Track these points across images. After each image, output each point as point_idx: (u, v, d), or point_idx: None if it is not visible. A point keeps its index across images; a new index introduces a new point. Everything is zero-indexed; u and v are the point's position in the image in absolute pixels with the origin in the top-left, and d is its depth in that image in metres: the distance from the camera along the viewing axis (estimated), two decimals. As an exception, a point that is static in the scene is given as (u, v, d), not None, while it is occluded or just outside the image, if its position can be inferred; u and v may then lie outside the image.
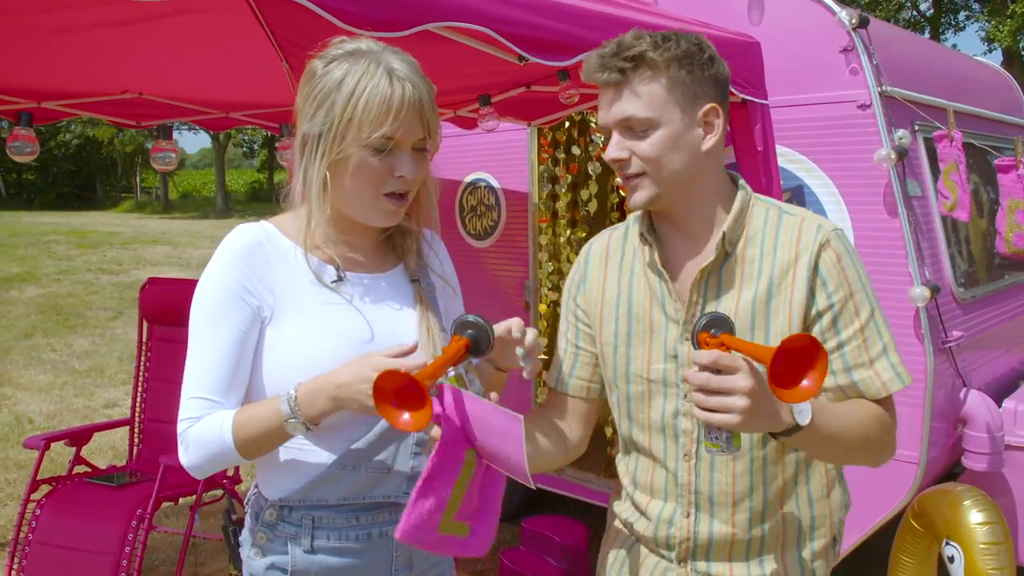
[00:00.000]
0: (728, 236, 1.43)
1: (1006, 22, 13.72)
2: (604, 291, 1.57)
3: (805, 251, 1.41)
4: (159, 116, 4.23)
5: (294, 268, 1.44)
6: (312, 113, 1.39)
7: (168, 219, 31.26)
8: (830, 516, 1.51)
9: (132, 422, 3.93)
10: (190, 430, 1.39)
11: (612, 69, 1.39)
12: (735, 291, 1.44)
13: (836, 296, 1.41)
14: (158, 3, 2.64)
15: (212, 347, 1.38)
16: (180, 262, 16.59)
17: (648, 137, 1.40)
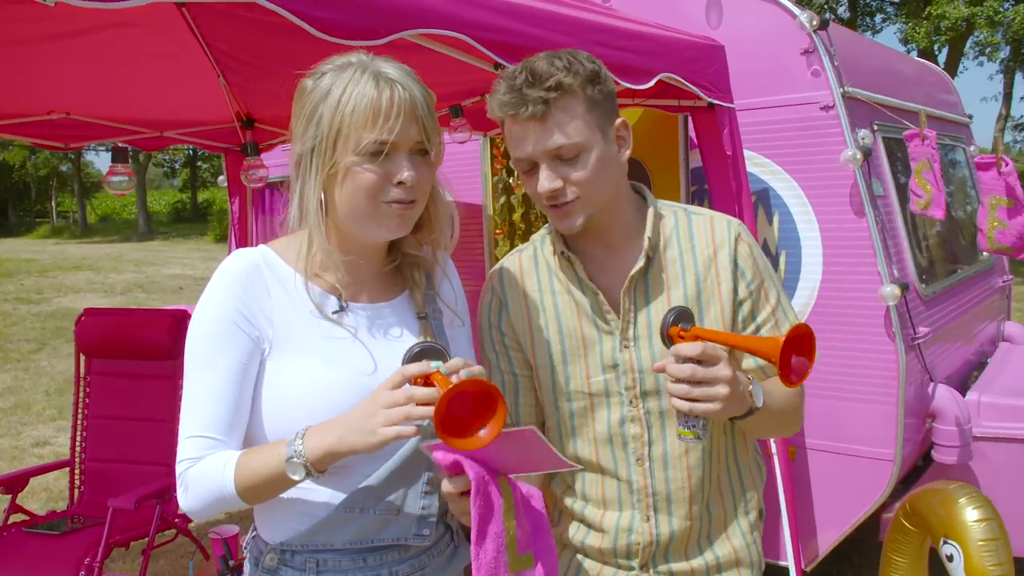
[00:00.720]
0: (652, 241, 1.49)
1: (923, 24, 14.27)
2: (528, 314, 1.55)
3: (723, 246, 1.50)
4: (89, 137, 4.04)
5: (294, 298, 1.35)
6: (303, 130, 1.31)
7: (88, 244, 30.19)
8: (755, 488, 1.61)
9: (72, 463, 3.71)
10: (190, 471, 1.30)
11: (535, 102, 1.36)
12: (664, 292, 1.50)
13: (753, 284, 1.51)
14: (86, 18, 2.53)
15: (211, 381, 1.30)
16: (104, 288, 16.00)
17: (579, 162, 1.40)
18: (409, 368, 1.20)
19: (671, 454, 1.51)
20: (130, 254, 24.01)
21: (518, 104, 1.37)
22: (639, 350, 1.49)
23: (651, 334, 1.49)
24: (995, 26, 14.19)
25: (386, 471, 1.35)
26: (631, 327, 1.50)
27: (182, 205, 45.21)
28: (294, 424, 1.27)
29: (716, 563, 1.57)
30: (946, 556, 2.17)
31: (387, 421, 1.17)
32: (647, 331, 1.50)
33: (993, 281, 4.35)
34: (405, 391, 1.18)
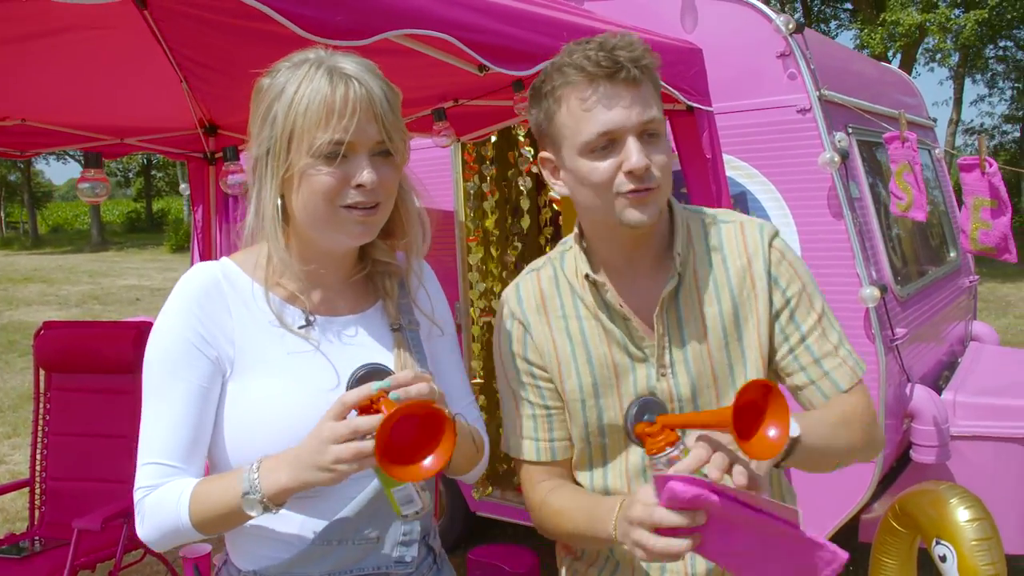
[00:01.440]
0: (682, 256, 1.37)
1: (877, 30, 14.55)
2: (555, 343, 1.43)
3: (756, 255, 1.38)
4: (46, 144, 3.92)
5: (255, 312, 1.27)
6: (258, 132, 1.24)
7: (39, 255, 29.46)
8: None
9: (32, 482, 3.56)
10: (146, 499, 1.23)
11: (633, 64, 1.25)
12: (698, 311, 1.38)
13: (791, 291, 1.38)
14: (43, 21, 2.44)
15: (169, 407, 1.23)
16: (57, 300, 15.61)
17: (660, 144, 1.30)
18: (348, 396, 1.13)
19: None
20: (84, 265, 23.49)
21: (614, 64, 1.24)
22: (676, 376, 1.38)
23: (687, 359, 1.38)
24: (946, 32, 14.53)
25: (365, 498, 1.28)
26: (667, 353, 1.38)
27: (137, 215, 44.42)
28: (257, 446, 1.21)
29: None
30: (939, 557, 2.17)
31: (336, 458, 1.09)
32: (683, 356, 1.38)
33: (961, 281, 4.41)
34: (349, 424, 1.10)
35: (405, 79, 2.29)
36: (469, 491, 4.10)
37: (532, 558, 3.66)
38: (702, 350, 1.38)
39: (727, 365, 1.38)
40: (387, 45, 1.68)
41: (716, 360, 1.38)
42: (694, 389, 1.38)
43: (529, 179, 3.91)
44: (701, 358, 1.38)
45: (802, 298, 1.39)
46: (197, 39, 3.00)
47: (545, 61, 1.99)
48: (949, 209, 4.59)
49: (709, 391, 1.38)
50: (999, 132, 27.63)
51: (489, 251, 4.08)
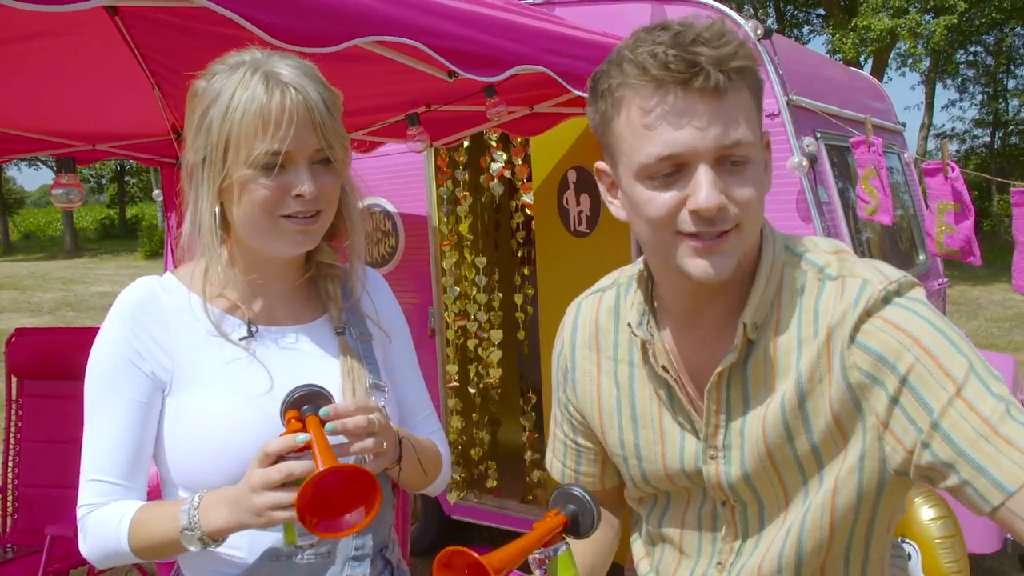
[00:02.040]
0: (749, 325, 1.05)
1: (849, 35, 14.72)
2: (600, 391, 1.22)
3: (841, 322, 1.01)
4: (17, 151, 3.89)
5: (192, 324, 1.25)
6: (193, 139, 1.20)
7: (11, 262, 29.08)
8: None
9: (4, 490, 3.53)
10: (89, 517, 1.22)
11: (717, 66, 0.94)
12: (765, 389, 1.06)
13: (902, 365, 0.97)
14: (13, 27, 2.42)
15: (107, 423, 1.22)
16: (30, 307, 15.43)
17: (747, 174, 0.98)
18: (271, 446, 1.08)
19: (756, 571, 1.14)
20: (57, 272, 23.22)
21: (690, 66, 0.93)
22: (729, 464, 1.11)
23: (744, 443, 1.09)
24: (917, 38, 14.72)
25: None
26: (720, 434, 1.11)
27: (110, 221, 43.94)
28: (199, 459, 1.20)
29: None
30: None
31: (271, 504, 1.06)
32: (739, 440, 1.09)
33: (930, 284, 4.47)
34: (282, 468, 1.06)
35: (375, 85, 2.31)
36: (444, 495, 4.10)
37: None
38: (758, 438, 1.08)
39: (793, 459, 1.07)
40: (357, 52, 1.69)
41: (775, 454, 1.07)
42: (749, 480, 1.10)
43: (501, 184, 3.92)
44: (755, 447, 1.08)
45: (926, 366, 0.97)
46: (168, 45, 2.99)
47: (514, 67, 2.02)
48: (918, 212, 4.65)
49: (770, 486, 1.10)
50: (970, 136, 28.03)
51: (463, 255, 4.09)
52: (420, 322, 4.01)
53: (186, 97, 1.23)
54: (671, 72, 0.94)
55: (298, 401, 1.15)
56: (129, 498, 1.23)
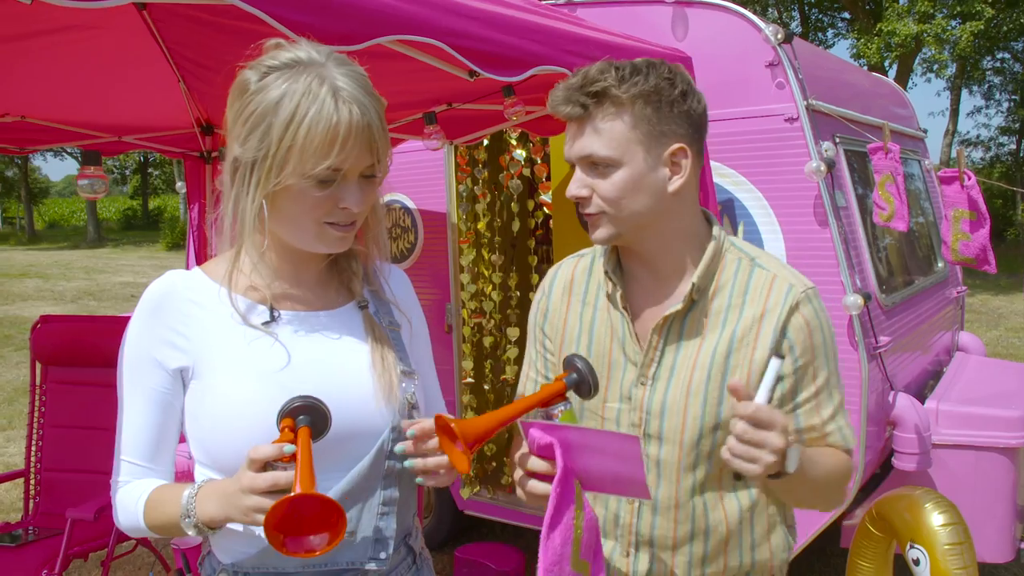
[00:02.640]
0: (698, 285, 1.40)
1: (874, 40, 14.61)
2: (566, 322, 1.54)
3: (773, 311, 1.39)
4: (45, 141, 3.94)
5: (215, 310, 1.29)
6: (245, 136, 1.21)
7: (35, 251, 29.43)
8: (771, 559, 1.49)
9: (27, 473, 3.60)
10: (119, 492, 1.33)
11: (575, 103, 1.34)
12: (697, 340, 1.41)
13: (800, 361, 1.40)
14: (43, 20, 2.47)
15: (133, 410, 1.31)
16: (53, 296, 15.62)
17: (609, 176, 1.36)
18: (259, 452, 1.11)
19: (661, 504, 1.44)
20: (80, 261, 23.48)
21: (561, 102, 1.36)
22: (654, 391, 1.43)
23: (671, 378, 1.42)
24: (943, 44, 14.59)
25: (338, 492, 1.27)
26: (654, 365, 1.43)
27: (133, 212, 44.37)
28: (223, 441, 1.25)
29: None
30: (912, 560, 2.21)
31: (255, 508, 1.11)
32: (668, 374, 1.42)
33: (948, 292, 4.46)
34: (267, 478, 1.10)
35: (396, 83, 2.34)
36: (457, 490, 4.13)
37: (518, 556, 3.69)
38: (686, 376, 1.41)
39: (703, 398, 1.40)
40: (379, 49, 1.72)
41: (694, 391, 1.40)
42: (664, 408, 1.42)
43: (520, 182, 3.94)
44: (683, 383, 1.41)
45: (807, 371, 1.40)
46: (195, 40, 3.03)
47: (535, 67, 2.05)
48: (938, 220, 4.64)
49: (678, 416, 1.41)
50: (995, 144, 27.70)
51: (481, 253, 4.12)
52: (438, 318, 4.04)
53: (232, 87, 1.25)
54: (553, 103, 1.38)
55: (295, 410, 1.16)
56: (154, 478, 1.32)
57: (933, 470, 3.18)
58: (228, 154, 1.25)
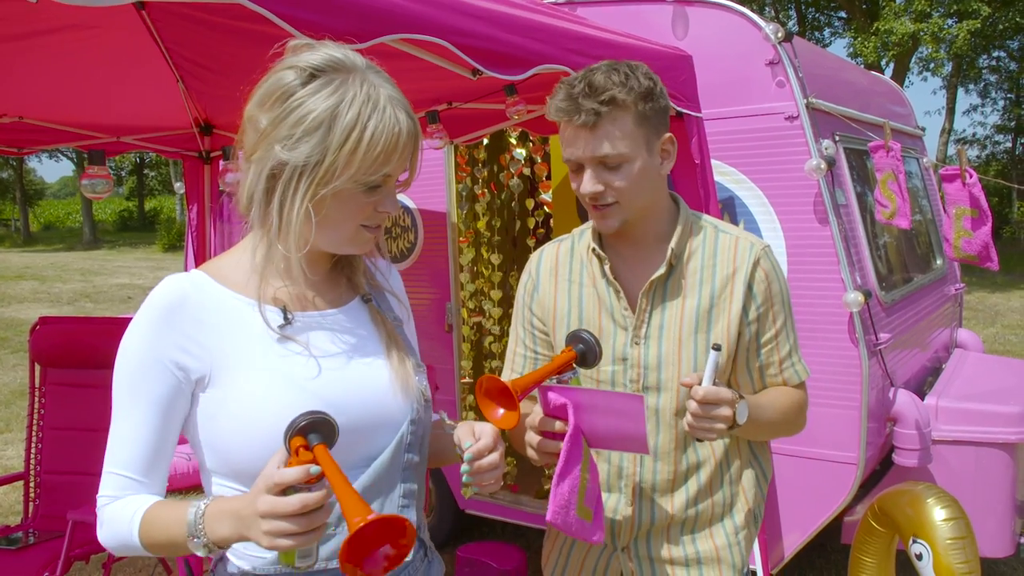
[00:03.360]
0: (675, 250, 1.61)
1: (870, 39, 14.62)
2: (556, 301, 1.71)
3: (741, 267, 1.62)
4: (43, 142, 3.94)
5: (232, 317, 1.26)
6: (295, 140, 1.18)
7: (31, 252, 29.37)
8: (744, 493, 1.71)
9: (27, 476, 3.59)
10: (106, 508, 1.25)
11: (587, 112, 1.49)
12: (680, 299, 1.62)
13: (762, 308, 1.63)
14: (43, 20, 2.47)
15: (132, 420, 1.24)
16: (49, 298, 15.59)
17: (622, 172, 1.53)
18: (284, 476, 1.06)
19: (661, 448, 1.64)
20: (76, 263, 23.44)
21: (573, 111, 1.49)
22: (648, 348, 1.62)
23: (662, 335, 1.62)
24: (939, 42, 14.61)
25: (360, 487, 1.27)
26: (644, 326, 1.63)
27: (129, 213, 44.29)
28: (245, 448, 1.21)
29: (696, 557, 1.68)
30: (915, 555, 2.21)
31: (279, 532, 1.06)
32: (658, 332, 1.62)
33: (947, 289, 4.47)
34: (296, 500, 1.05)
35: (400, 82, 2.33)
36: (458, 489, 4.13)
37: (520, 555, 3.70)
38: (675, 331, 1.61)
39: (692, 349, 1.61)
40: (382, 48, 1.72)
41: (684, 343, 1.61)
42: (660, 361, 1.62)
43: (520, 181, 3.95)
44: (673, 338, 1.62)
45: (768, 315, 1.64)
46: (194, 40, 3.03)
47: (537, 66, 2.05)
48: (936, 217, 4.65)
49: (672, 367, 1.62)
50: (991, 142, 27.76)
51: (480, 252, 4.12)
52: (438, 318, 4.04)
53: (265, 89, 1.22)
54: (564, 113, 1.52)
55: (304, 428, 1.13)
56: (145, 493, 1.25)
57: (933, 466, 3.19)
58: (263, 154, 1.21)
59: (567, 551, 1.77)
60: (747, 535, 1.72)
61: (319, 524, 1.08)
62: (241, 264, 1.31)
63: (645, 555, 1.68)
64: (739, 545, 1.70)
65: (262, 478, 1.09)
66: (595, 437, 1.47)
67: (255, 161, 1.22)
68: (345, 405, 1.25)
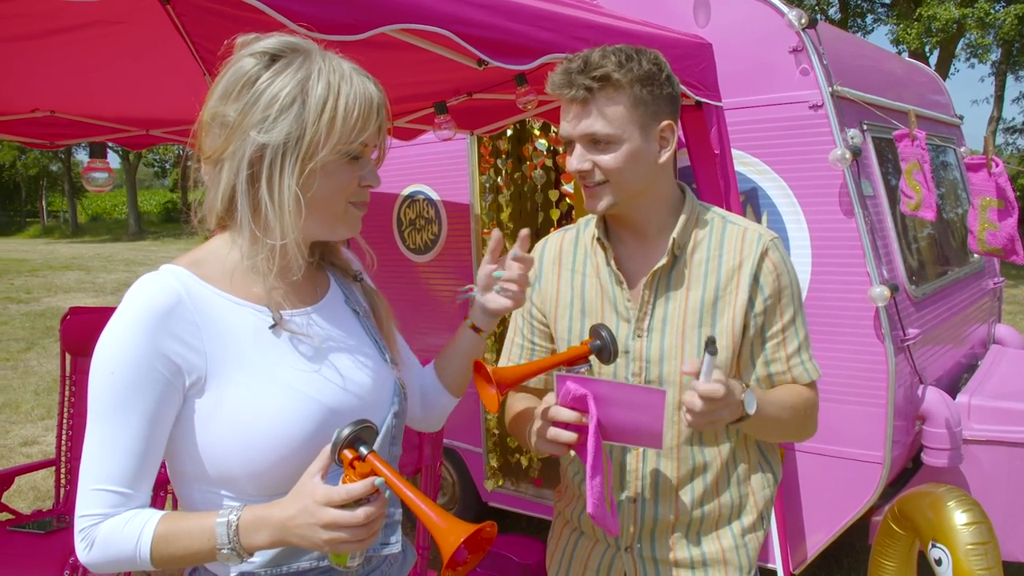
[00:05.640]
0: (677, 241, 1.57)
1: (913, 25, 14.28)
2: (558, 291, 1.68)
3: (748, 259, 1.57)
4: (74, 135, 4.00)
5: (222, 319, 1.21)
6: (271, 119, 1.16)
7: (78, 243, 30.06)
8: (752, 495, 1.66)
9: (58, 462, 3.66)
10: (98, 528, 1.16)
11: (579, 87, 1.47)
12: (683, 291, 1.58)
13: (769, 300, 1.57)
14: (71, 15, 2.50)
15: (123, 432, 1.16)
16: (94, 288, 15.92)
17: (610, 151, 1.50)
18: (354, 489, 1.10)
19: (665, 444, 1.57)
20: (120, 254, 23.92)
21: (565, 85, 1.48)
22: (650, 341, 1.58)
23: (665, 327, 1.58)
24: (986, 28, 14.21)
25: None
26: (647, 318, 1.59)
27: (173, 205, 45.06)
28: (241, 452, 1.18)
29: (702, 559, 1.62)
30: (935, 560, 2.15)
31: (340, 540, 1.10)
32: (661, 324, 1.58)
33: (984, 283, 4.34)
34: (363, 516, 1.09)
35: (408, 74, 2.32)
36: (481, 482, 4.13)
37: (541, 549, 3.68)
38: (679, 324, 1.57)
39: (696, 342, 1.57)
40: (384, 39, 1.71)
41: (688, 336, 1.57)
42: (663, 355, 1.57)
43: (544, 173, 3.91)
44: (676, 330, 1.57)
45: (775, 309, 1.58)
46: (219, 33, 3.03)
47: (545, 55, 2.02)
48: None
49: (675, 360, 1.57)
50: (1042, 130, 26.99)
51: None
52: (462, 309, 4.03)
53: (225, 82, 1.20)
54: (558, 87, 1.50)
55: (350, 440, 1.14)
56: (135, 505, 1.19)
57: (964, 466, 3.11)
58: (235, 142, 1.18)
59: (571, 550, 1.75)
60: (755, 537, 1.67)
61: (378, 529, 1.12)
62: (221, 261, 1.26)
63: (649, 556, 1.63)
64: (746, 547, 1.65)
65: (315, 493, 1.10)
66: (611, 430, 1.44)
67: (228, 156, 1.19)
68: (338, 405, 1.24)
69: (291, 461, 1.19)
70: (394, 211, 4.27)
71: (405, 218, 4.24)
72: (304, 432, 1.19)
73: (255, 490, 1.21)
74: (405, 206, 4.23)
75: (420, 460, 2.73)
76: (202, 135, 1.24)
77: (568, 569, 1.75)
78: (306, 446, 1.19)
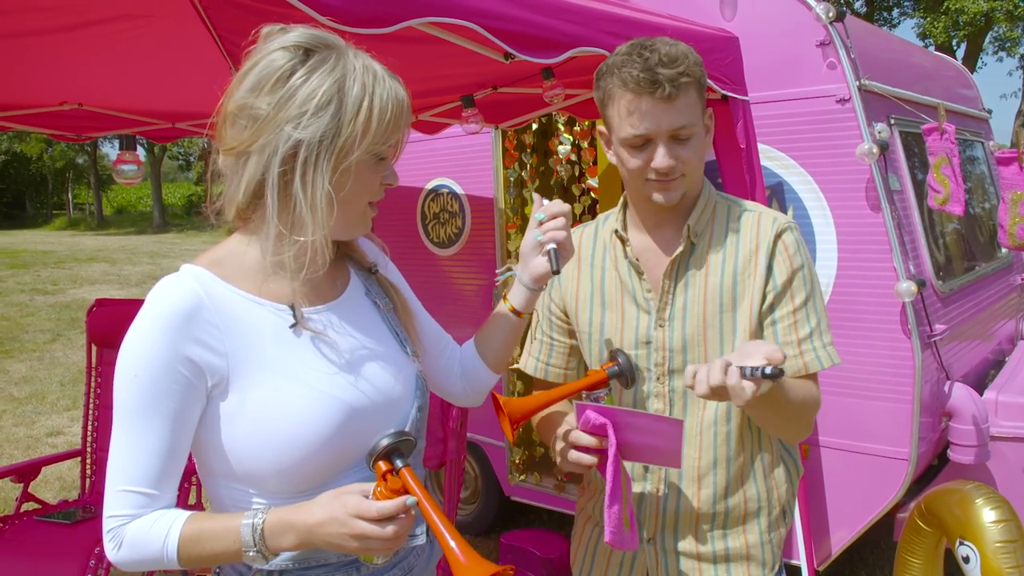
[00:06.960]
0: (692, 227, 1.59)
1: (940, 18, 14.10)
2: (579, 285, 1.69)
3: (763, 242, 1.57)
4: (100, 128, 4.04)
5: (244, 319, 1.22)
6: (308, 115, 1.16)
7: (103, 235, 30.39)
8: (777, 489, 1.65)
9: (84, 452, 3.71)
10: (126, 528, 1.18)
11: (670, 82, 1.45)
12: (703, 278, 1.58)
13: (780, 280, 1.56)
14: (97, 9, 2.52)
15: (148, 434, 1.17)
16: (119, 280, 16.09)
17: (688, 144, 1.51)
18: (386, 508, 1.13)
19: (689, 432, 1.59)
20: (145, 246, 24.14)
21: (653, 83, 1.44)
22: (672, 330, 1.58)
23: (686, 316, 1.58)
24: (1015, 20, 14.01)
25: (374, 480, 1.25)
26: (668, 307, 1.59)
27: (198, 198, 45.34)
28: (264, 451, 1.20)
29: (725, 554, 1.62)
30: (962, 557, 2.13)
31: (369, 548, 1.14)
32: (682, 313, 1.58)
33: (1012, 278, 4.29)
34: (392, 533, 1.13)
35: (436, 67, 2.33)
36: (503, 476, 4.14)
37: (564, 544, 3.68)
38: (699, 312, 1.58)
39: (719, 329, 1.57)
40: (411, 33, 1.71)
41: (710, 323, 1.57)
42: (685, 343, 1.58)
43: (568, 167, 3.91)
44: (697, 318, 1.58)
45: (786, 290, 1.56)
46: (245, 27, 3.05)
47: (572, 49, 2.01)
48: (1002, 203, 4.46)
49: (699, 348, 1.58)
50: (1071, 125, 26.54)
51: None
52: (485, 303, 4.03)
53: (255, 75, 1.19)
54: (642, 87, 1.46)
55: (385, 451, 1.18)
56: (161, 506, 1.21)
57: (991, 463, 3.08)
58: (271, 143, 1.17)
59: (594, 545, 1.75)
60: (779, 533, 1.68)
61: (405, 537, 1.15)
62: (239, 259, 1.26)
63: (672, 548, 1.63)
64: (771, 543, 1.64)
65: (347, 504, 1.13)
66: (630, 452, 1.48)
67: (257, 150, 1.19)
68: (360, 403, 1.25)
69: (314, 459, 1.21)
70: (418, 205, 4.28)
71: (429, 212, 4.25)
72: (327, 431, 1.21)
73: (280, 487, 1.23)
74: (429, 200, 4.24)
75: (444, 454, 2.74)
76: (225, 126, 1.23)
77: (592, 565, 1.75)
78: (329, 444, 1.21)
